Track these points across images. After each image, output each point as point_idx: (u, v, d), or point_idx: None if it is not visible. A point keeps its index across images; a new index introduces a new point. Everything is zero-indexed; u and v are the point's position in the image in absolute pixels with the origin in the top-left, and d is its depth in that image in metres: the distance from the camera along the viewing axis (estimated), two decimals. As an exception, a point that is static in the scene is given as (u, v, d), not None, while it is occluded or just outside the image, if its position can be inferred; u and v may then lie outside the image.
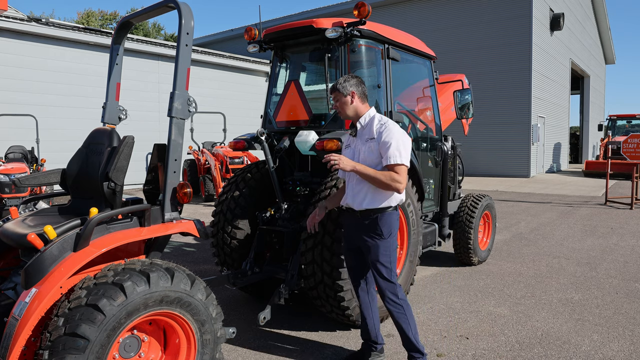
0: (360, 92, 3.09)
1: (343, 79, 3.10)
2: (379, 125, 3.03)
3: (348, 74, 3.20)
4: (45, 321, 2.31)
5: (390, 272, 3.05)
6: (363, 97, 3.11)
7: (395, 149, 2.90)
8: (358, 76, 3.15)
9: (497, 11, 17.52)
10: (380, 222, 3.01)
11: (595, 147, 28.39)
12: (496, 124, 17.68)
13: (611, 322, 3.99)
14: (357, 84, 3.09)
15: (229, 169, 11.31)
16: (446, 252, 6.20)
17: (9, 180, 8.19)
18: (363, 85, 3.12)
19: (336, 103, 3.14)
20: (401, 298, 3.06)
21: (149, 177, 3.12)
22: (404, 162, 2.92)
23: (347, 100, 3.07)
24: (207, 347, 2.62)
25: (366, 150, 3.03)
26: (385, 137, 2.94)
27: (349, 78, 3.11)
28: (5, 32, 11.78)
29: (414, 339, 3.06)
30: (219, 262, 4.40)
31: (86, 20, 40.47)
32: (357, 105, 3.09)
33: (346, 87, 3.06)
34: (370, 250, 3.05)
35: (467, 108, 5.36)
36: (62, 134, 12.64)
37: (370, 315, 3.27)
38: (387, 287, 3.05)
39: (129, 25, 3.38)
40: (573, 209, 10.20)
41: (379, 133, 2.99)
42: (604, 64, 32.29)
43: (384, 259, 3.02)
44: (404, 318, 3.05)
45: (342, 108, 3.11)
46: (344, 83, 3.07)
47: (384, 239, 3.02)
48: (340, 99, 3.09)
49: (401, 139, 2.95)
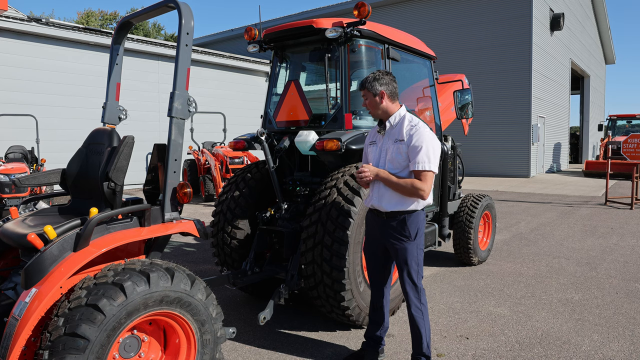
0: (391, 91, 2.98)
1: (372, 77, 2.97)
2: (410, 127, 2.93)
3: (378, 70, 3.05)
4: (45, 321, 2.31)
5: (417, 275, 3.00)
6: (393, 96, 3.00)
7: (424, 155, 2.83)
8: (389, 72, 3.02)
9: (497, 11, 17.52)
10: (408, 223, 2.96)
11: (595, 147, 28.40)
12: (496, 124, 17.68)
13: (611, 322, 3.99)
14: (388, 82, 2.98)
15: (229, 169, 11.31)
16: (446, 252, 6.20)
17: (9, 180, 8.19)
18: (394, 83, 3.01)
19: (365, 101, 3.04)
20: (423, 303, 3.02)
21: (149, 177, 3.12)
22: (432, 169, 2.84)
23: (377, 100, 2.97)
24: (207, 347, 2.62)
25: (394, 151, 2.95)
26: (415, 141, 2.85)
27: (379, 76, 2.97)
28: (5, 32, 11.78)
29: (427, 344, 3.03)
30: (219, 262, 4.40)
31: (86, 20, 40.47)
32: (387, 105, 2.99)
33: (375, 86, 2.95)
34: (398, 253, 3.00)
35: (467, 108, 5.36)
36: (62, 134, 12.64)
37: (382, 317, 3.24)
38: (412, 290, 3.00)
39: (129, 25, 3.37)
40: (573, 209, 10.20)
41: (409, 135, 2.89)
42: (604, 64, 32.30)
43: (411, 261, 2.98)
44: (423, 323, 3.01)
45: (371, 107, 3.02)
46: (373, 82, 2.95)
47: (411, 241, 2.97)
48: (369, 98, 2.99)
49: (431, 144, 2.86)
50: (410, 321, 3.04)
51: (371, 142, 3.16)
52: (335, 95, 4.13)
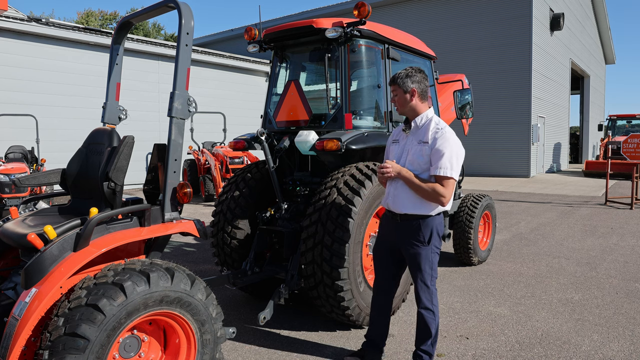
0: (422, 89, 2.91)
1: (405, 73, 2.88)
2: (436, 130, 2.86)
3: (411, 67, 2.95)
4: (45, 321, 2.31)
5: (432, 278, 2.97)
6: (424, 96, 2.93)
7: (447, 160, 2.77)
8: (422, 70, 2.94)
9: (497, 11, 17.52)
10: (422, 228, 2.91)
11: (595, 147, 28.40)
12: (496, 124, 17.68)
13: (611, 322, 3.99)
14: (420, 80, 2.90)
15: (229, 169, 11.31)
16: (446, 252, 6.20)
17: (9, 180, 8.19)
18: (426, 82, 2.93)
19: (394, 97, 2.96)
20: (434, 304, 3.00)
21: (149, 177, 3.12)
22: (454, 176, 2.78)
23: (407, 97, 2.90)
24: (207, 347, 2.63)
25: (417, 152, 2.88)
26: (439, 145, 2.79)
27: (412, 73, 2.89)
28: (5, 32, 11.78)
29: (432, 343, 3.02)
30: (219, 262, 4.40)
31: (86, 20, 40.47)
32: (416, 104, 2.92)
33: (407, 83, 2.87)
34: (413, 257, 2.96)
35: (467, 108, 5.36)
36: (62, 134, 12.64)
37: (386, 318, 3.23)
38: (425, 293, 2.97)
39: (129, 25, 3.38)
40: (573, 209, 10.20)
41: (434, 139, 2.83)
42: (604, 64, 32.30)
43: (425, 266, 2.94)
44: (434, 324, 2.99)
45: (400, 105, 2.94)
46: (406, 78, 2.87)
47: (425, 245, 2.92)
48: (400, 94, 2.91)
49: (455, 150, 2.80)
50: (420, 320, 3.01)
51: (394, 141, 3.10)
52: (335, 95, 4.13)
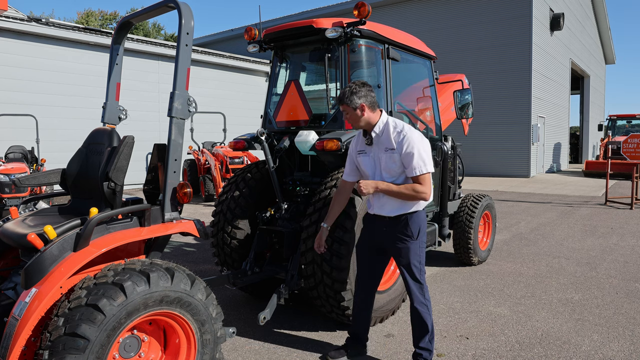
0: (370, 101, 2.95)
1: (349, 90, 2.92)
2: (396, 133, 2.92)
3: (353, 82, 3.00)
4: (45, 321, 2.31)
5: (421, 272, 3.05)
6: (373, 106, 2.97)
7: (418, 159, 2.85)
8: (364, 82, 2.98)
9: (497, 11, 17.52)
10: (410, 223, 2.99)
11: (595, 147, 28.39)
12: (496, 124, 17.68)
13: (611, 322, 3.99)
14: (366, 93, 2.93)
15: (229, 169, 11.31)
16: (446, 252, 6.20)
17: (9, 180, 8.19)
18: (372, 93, 2.97)
19: (345, 115, 3.01)
20: (427, 299, 3.08)
21: (149, 177, 3.12)
22: (429, 170, 2.87)
23: (358, 113, 2.94)
24: (207, 347, 2.63)
25: (388, 160, 2.95)
26: (406, 148, 2.86)
27: (355, 88, 2.92)
28: (5, 32, 11.78)
29: (430, 339, 3.10)
30: (219, 262, 4.40)
31: (86, 20, 40.47)
32: (369, 117, 2.97)
33: (354, 100, 2.90)
34: (402, 252, 3.03)
35: (467, 108, 5.36)
36: (62, 134, 12.63)
37: (368, 313, 3.32)
38: (416, 288, 3.05)
39: (129, 25, 3.38)
40: (573, 209, 10.20)
41: (399, 144, 2.89)
42: (604, 64, 32.30)
43: (414, 260, 3.02)
44: (429, 318, 3.08)
45: (353, 122, 2.99)
46: (352, 96, 2.91)
47: (414, 240, 3.01)
48: (350, 112, 2.96)
49: (421, 146, 2.88)
50: (415, 316, 3.09)
51: (360, 152, 3.14)
52: (335, 95, 4.13)
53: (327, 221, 3.32)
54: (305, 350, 3.50)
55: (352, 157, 3.21)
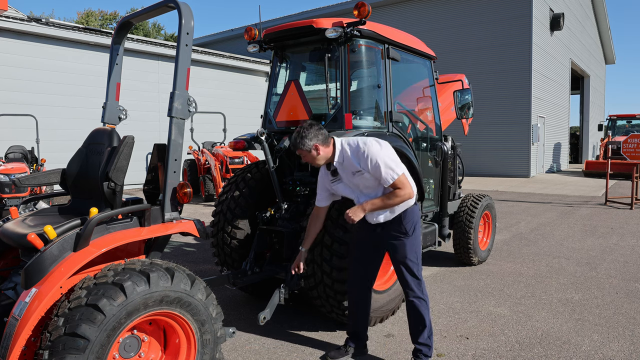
0: (322, 139, 2.99)
1: (299, 135, 2.95)
2: (354, 154, 2.97)
3: (301, 126, 3.01)
4: (45, 321, 2.31)
5: (417, 267, 3.11)
6: (326, 141, 3.01)
7: (386, 169, 2.90)
8: (311, 123, 2.99)
9: (497, 11, 17.52)
10: (404, 221, 3.07)
11: (595, 147, 28.39)
12: (496, 124, 17.68)
13: (611, 322, 3.99)
14: (315, 133, 2.97)
15: (229, 169, 11.31)
16: (446, 252, 6.20)
17: (9, 180, 8.19)
18: (320, 130, 3.00)
19: (303, 159, 3.08)
20: (425, 294, 3.14)
21: (149, 177, 3.12)
22: (399, 173, 2.93)
23: (314, 154, 3.00)
24: (207, 347, 2.63)
25: (360, 180, 3.04)
26: (370, 163, 2.91)
27: (304, 132, 2.95)
28: (5, 32, 11.78)
29: (430, 336, 3.15)
30: (219, 262, 4.40)
31: (86, 20, 40.45)
32: (325, 152, 3.03)
33: (307, 144, 2.95)
34: (397, 249, 3.10)
35: (467, 108, 5.36)
36: (62, 134, 12.63)
37: (366, 311, 3.33)
38: (414, 282, 3.11)
39: (129, 25, 3.38)
40: (573, 209, 10.20)
41: (362, 163, 2.95)
42: (604, 64, 32.29)
43: (411, 256, 3.09)
44: (427, 312, 3.13)
45: (312, 162, 3.06)
46: (303, 140, 2.95)
47: (409, 236, 3.08)
48: (307, 155, 3.02)
49: (383, 154, 2.92)
50: (412, 311, 3.13)
51: (332, 181, 3.19)
52: (335, 95, 4.13)
53: (305, 245, 3.41)
54: (305, 350, 3.50)
55: (325, 185, 3.26)
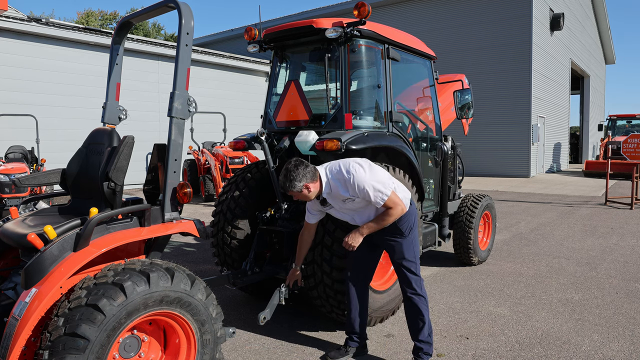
0: (310, 176, 2.98)
1: (287, 178, 2.94)
2: (341, 183, 2.99)
3: (286, 167, 3.00)
4: (45, 321, 2.31)
5: (416, 266, 3.16)
6: (314, 177, 3.01)
7: (373, 191, 2.93)
8: (297, 163, 2.96)
9: (497, 11, 17.52)
10: (399, 224, 3.10)
11: (595, 147, 28.39)
12: (496, 124, 17.68)
13: (611, 322, 3.99)
14: (303, 172, 2.94)
15: (229, 169, 11.30)
16: (446, 252, 6.20)
17: (9, 180, 8.19)
18: (307, 168, 2.98)
19: (295, 198, 3.10)
20: (423, 291, 3.18)
21: (149, 177, 3.12)
22: (389, 193, 2.96)
23: (306, 192, 3.01)
24: (207, 347, 2.63)
25: (351, 205, 3.08)
26: (358, 189, 2.94)
27: (292, 174, 2.93)
28: (5, 32, 11.77)
29: (430, 334, 3.17)
30: (219, 262, 4.40)
31: (86, 20, 40.45)
32: (314, 188, 3.03)
33: (297, 185, 2.95)
34: (395, 250, 3.14)
35: (467, 108, 5.36)
36: (62, 134, 12.63)
37: (364, 309, 3.35)
38: (413, 280, 3.15)
39: (129, 25, 3.38)
40: (573, 209, 10.20)
41: (350, 189, 2.97)
42: (604, 64, 32.29)
43: (409, 256, 3.14)
44: (426, 309, 3.16)
45: (305, 199, 3.08)
46: (292, 183, 2.94)
47: (406, 237, 3.12)
48: (298, 195, 3.03)
49: (369, 177, 2.93)
50: (411, 308, 3.16)
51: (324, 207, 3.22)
52: (335, 95, 4.13)
53: (297, 262, 3.47)
54: (305, 350, 3.50)
55: (315, 207, 3.29)
